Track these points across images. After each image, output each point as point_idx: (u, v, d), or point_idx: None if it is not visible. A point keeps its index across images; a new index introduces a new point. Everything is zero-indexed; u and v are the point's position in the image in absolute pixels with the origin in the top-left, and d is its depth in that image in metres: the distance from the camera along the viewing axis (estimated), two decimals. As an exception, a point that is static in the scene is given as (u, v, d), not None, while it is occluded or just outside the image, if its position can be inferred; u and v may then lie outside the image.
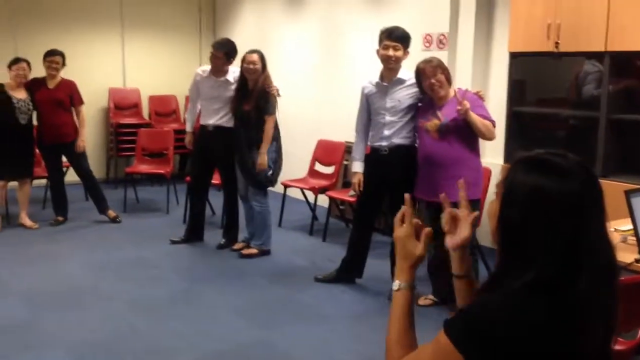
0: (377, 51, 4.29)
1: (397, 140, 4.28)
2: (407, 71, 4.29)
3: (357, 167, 4.46)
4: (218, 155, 5.44)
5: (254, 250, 5.30)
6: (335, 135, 6.45)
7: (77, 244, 5.68)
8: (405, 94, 4.26)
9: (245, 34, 8.25)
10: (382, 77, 4.34)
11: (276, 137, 5.18)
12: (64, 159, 6.35)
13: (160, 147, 7.33)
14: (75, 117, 6.21)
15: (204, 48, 8.93)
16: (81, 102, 6.22)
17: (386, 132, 4.29)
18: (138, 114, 8.39)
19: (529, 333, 1.19)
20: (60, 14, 7.93)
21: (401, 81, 4.28)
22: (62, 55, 6.10)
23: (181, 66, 8.74)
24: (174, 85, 8.62)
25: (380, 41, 4.26)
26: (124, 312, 4.16)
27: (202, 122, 5.48)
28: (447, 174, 3.85)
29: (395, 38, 4.21)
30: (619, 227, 3.03)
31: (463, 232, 1.46)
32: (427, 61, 4.02)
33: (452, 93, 3.97)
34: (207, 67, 5.49)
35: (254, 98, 5.04)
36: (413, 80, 4.18)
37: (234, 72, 5.35)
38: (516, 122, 4.87)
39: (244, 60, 5.09)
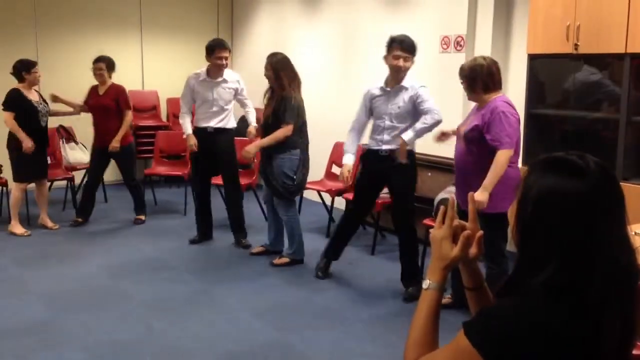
0: (385, 57, 4.41)
1: (394, 145, 4.42)
2: (410, 79, 4.41)
3: (349, 159, 4.61)
4: (221, 156, 5.50)
5: (285, 260, 5.19)
6: (352, 138, 6.43)
7: (95, 245, 5.73)
8: (405, 100, 4.39)
9: (263, 36, 8.29)
10: (387, 82, 4.47)
11: (302, 148, 5.02)
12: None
13: (178, 149, 7.39)
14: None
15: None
16: (128, 107, 6.25)
17: (386, 137, 4.46)
18: (156, 116, 8.46)
19: (546, 335, 1.18)
20: (80, 17, 8.02)
21: (403, 88, 4.40)
22: (104, 60, 6.17)
23: (199, 68, 8.79)
24: (192, 88, 8.66)
25: (390, 49, 4.38)
26: (142, 312, 4.19)
27: (200, 124, 5.53)
28: (474, 183, 3.81)
29: (407, 49, 4.33)
30: (639, 230, 2.99)
31: (472, 249, 1.44)
32: (462, 66, 3.97)
33: (493, 97, 3.83)
34: (199, 70, 5.56)
35: (274, 103, 4.95)
36: (415, 87, 4.36)
37: (230, 72, 5.50)
38: (535, 124, 4.84)
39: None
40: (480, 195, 3.66)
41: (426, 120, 4.29)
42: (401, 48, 4.33)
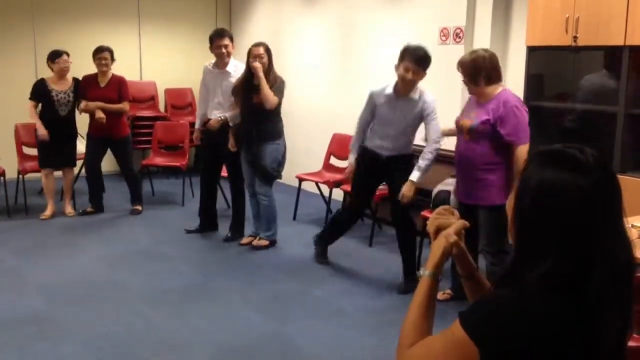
0: (396, 66, 4.32)
1: (396, 152, 4.46)
2: (420, 89, 4.37)
3: (353, 159, 4.64)
4: (224, 150, 5.50)
5: (264, 242, 5.33)
6: (350, 129, 6.36)
7: (93, 236, 5.73)
8: (411, 110, 4.37)
9: (261, 27, 8.26)
10: (396, 90, 4.37)
11: (282, 133, 5.23)
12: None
13: (176, 140, 7.40)
14: (124, 116, 6.38)
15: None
16: (127, 98, 6.30)
17: (388, 144, 4.47)
18: (154, 107, 8.44)
19: (543, 328, 1.19)
20: (78, 7, 7.99)
21: (412, 100, 4.36)
22: (109, 50, 6.20)
23: (197, 59, 8.72)
24: (190, 78, 8.64)
25: (402, 58, 4.28)
26: (140, 305, 4.19)
27: (209, 116, 5.53)
28: (475, 177, 3.80)
29: (417, 61, 4.23)
30: (636, 223, 3.00)
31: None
32: (461, 58, 3.91)
33: (497, 90, 3.82)
34: (213, 60, 5.53)
35: (271, 83, 5.01)
36: (426, 101, 4.32)
37: (235, 64, 5.43)
38: (533, 116, 4.82)
39: (250, 53, 5.05)
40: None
41: (427, 156, 4.32)
42: (413, 60, 4.22)
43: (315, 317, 4.04)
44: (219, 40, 5.33)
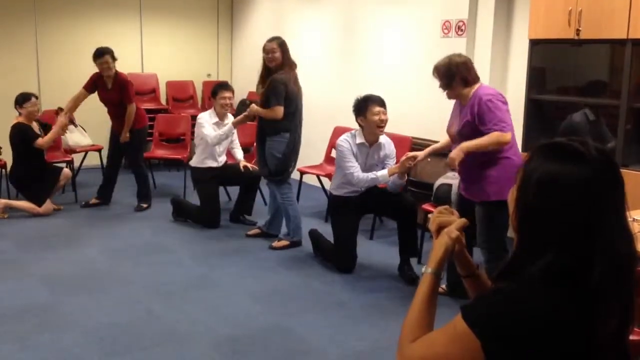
0: (362, 118, 4.53)
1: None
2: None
3: (385, 172, 4.51)
4: (244, 171, 5.89)
5: (284, 242, 5.21)
6: (351, 123, 6.40)
7: (96, 228, 5.74)
8: (380, 156, 4.63)
9: (263, 20, 8.24)
10: (367, 139, 4.58)
11: (289, 129, 5.01)
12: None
13: (178, 133, 7.40)
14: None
15: (221, 34, 8.94)
16: (130, 101, 6.14)
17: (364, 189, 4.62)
18: (156, 99, 8.44)
19: (544, 320, 1.19)
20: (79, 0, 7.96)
21: (381, 144, 4.61)
22: (109, 53, 6.07)
23: (199, 52, 8.78)
24: (192, 71, 8.66)
25: (365, 109, 4.49)
26: (142, 296, 4.20)
27: (211, 164, 5.73)
28: (470, 173, 3.80)
29: (383, 102, 4.51)
30: (638, 216, 3.00)
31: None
32: (436, 64, 3.88)
33: (474, 88, 3.76)
34: (207, 114, 5.71)
35: (265, 86, 4.97)
36: (391, 146, 4.65)
37: (229, 117, 5.83)
38: (535, 110, 4.83)
39: (264, 49, 5.02)
40: (454, 153, 3.68)
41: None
42: (378, 103, 4.49)
43: (315, 309, 4.05)
44: (223, 92, 5.64)
